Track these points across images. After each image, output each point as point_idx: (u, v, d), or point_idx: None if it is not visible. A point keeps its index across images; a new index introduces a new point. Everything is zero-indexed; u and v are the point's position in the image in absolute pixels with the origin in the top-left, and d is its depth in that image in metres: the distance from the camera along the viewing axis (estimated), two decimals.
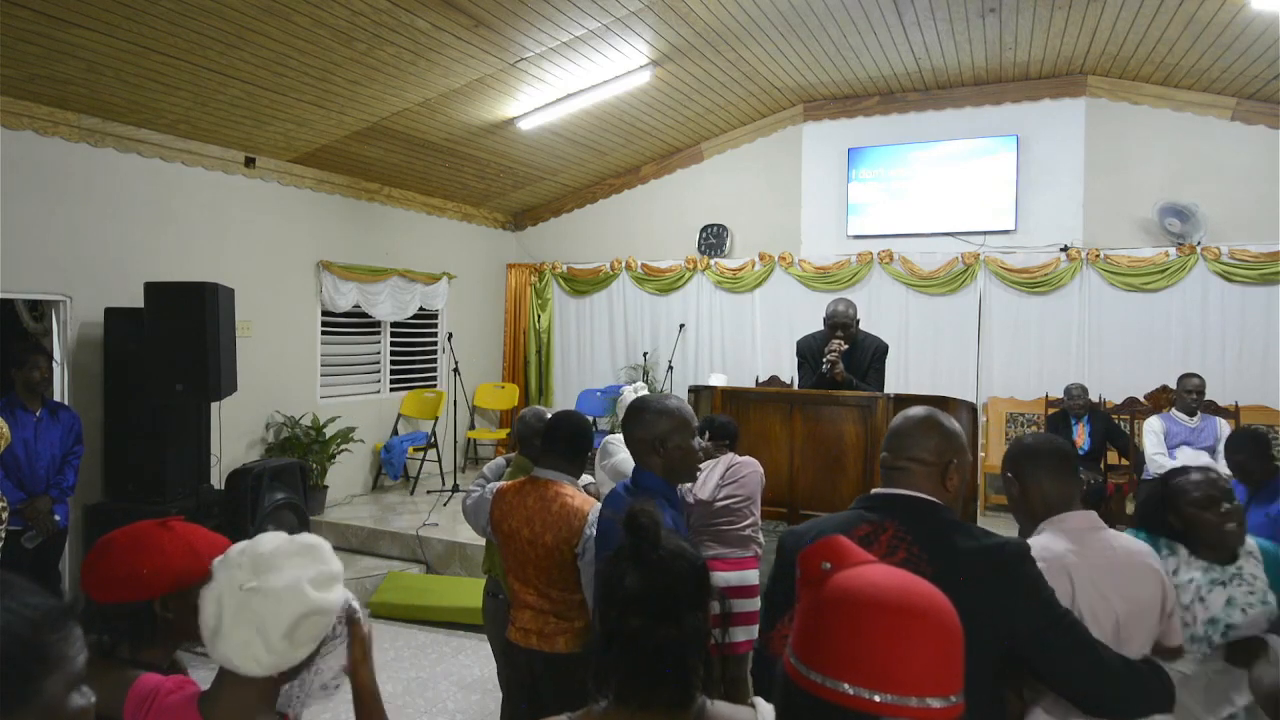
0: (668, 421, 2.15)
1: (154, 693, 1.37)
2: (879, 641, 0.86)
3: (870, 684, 0.85)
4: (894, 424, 1.74)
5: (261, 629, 1.24)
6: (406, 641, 5.00)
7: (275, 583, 1.26)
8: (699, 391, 4.61)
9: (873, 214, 7.66)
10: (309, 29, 4.66)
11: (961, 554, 1.53)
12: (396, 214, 7.75)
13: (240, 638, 1.25)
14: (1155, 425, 5.54)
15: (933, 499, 1.63)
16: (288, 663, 1.28)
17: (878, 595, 0.89)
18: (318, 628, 1.30)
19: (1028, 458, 1.90)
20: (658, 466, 2.15)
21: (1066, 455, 1.91)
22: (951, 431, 1.69)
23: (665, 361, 8.35)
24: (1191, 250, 6.67)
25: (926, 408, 1.75)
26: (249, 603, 1.25)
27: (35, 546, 4.25)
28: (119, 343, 5.10)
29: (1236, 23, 5.29)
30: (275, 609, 1.25)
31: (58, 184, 5.03)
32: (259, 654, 1.25)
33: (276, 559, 1.28)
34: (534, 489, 2.56)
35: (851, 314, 4.46)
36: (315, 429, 6.58)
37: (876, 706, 0.84)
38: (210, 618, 1.27)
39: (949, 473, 1.66)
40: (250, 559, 1.28)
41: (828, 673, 0.87)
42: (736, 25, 5.71)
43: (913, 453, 1.66)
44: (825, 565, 0.92)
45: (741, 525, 3.56)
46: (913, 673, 0.85)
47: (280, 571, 1.27)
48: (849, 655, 0.86)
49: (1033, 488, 1.88)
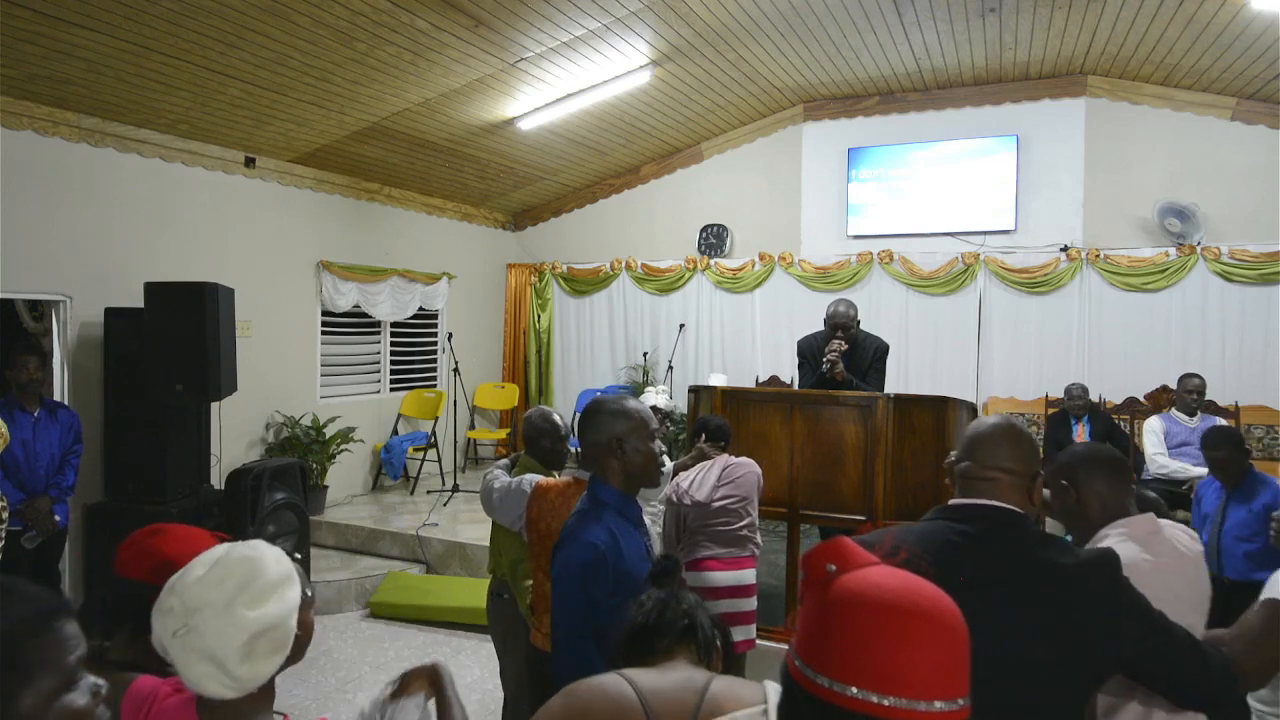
0: (625, 422, 2.02)
1: (152, 695, 1.37)
2: (885, 644, 0.86)
3: (876, 687, 0.84)
4: (974, 432, 1.68)
5: (215, 660, 1.22)
6: (406, 641, 5.00)
7: (208, 620, 1.22)
8: (699, 391, 4.61)
9: (873, 214, 7.66)
10: (309, 29, 4.67)
11: (1063, 569, 1.49)
12: (396, 214, 7.75)
13: (199, 672, 1.22)
14: (1155, 425, 5.54)
15: (1018, 510, 1.58)
16: (260, 678, 1.26)
17: (883, 597, 0.88)
18: (275, 640, 1.26)
19: (1084, 464, 1.90)
20: (616, 471, 2.02)
21: (1121, 462, 1.93)
22: (1033, 440, 1.65)
23: (665, 361, 8.35)
24: (1191, 250, 6.67)
25: (1002, 416, 1.74)
26: (190, 644, 1.22)
27: (35, 546, 4.25)
28: (119, 343, 5.10)
29: (1236, 23, 5.29)
30: (218, 641, 1.22)
31: (58, 184, 5.03)
32: (225, 681, 1.23)
33: (203, 593, 1.24)
34: (579, 491, 2.43)
35: (852, 314, 4.46)
36: (315, 429, 6.58)
37: (883, 710, 0.83)
38: (170, 660, 1.25)
39: (1037, 485, 1.61)
40: (179, 600, 1.24)
41: (833, 676, 0.86)
42: (736, 25, 5.71)
43: (1001, 462, 1.59)
44: (830, 567, 0.92)
45: (738, 525, 3.55)
46: (919, 676, 0.85)
47: (208, 606, 1.23)
48: (854, 658, 0.86)
49: (1090, 495, 1.87)
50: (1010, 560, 1.51)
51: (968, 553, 1.53)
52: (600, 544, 1.87)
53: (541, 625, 2.46)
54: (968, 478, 1.63)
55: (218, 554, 1.29)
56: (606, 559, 1.84)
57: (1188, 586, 1.76)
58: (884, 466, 3.98)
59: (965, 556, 1.53)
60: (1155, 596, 1.60)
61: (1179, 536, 1.87)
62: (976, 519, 1.57)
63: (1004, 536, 1.54)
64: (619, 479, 2.03)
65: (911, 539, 1.57)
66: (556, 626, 1.91)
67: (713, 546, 3.53)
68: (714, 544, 3.53)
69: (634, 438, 2.01)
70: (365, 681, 4.42)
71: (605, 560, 1.84)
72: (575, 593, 1.85)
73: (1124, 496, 1.88)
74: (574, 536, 1.92)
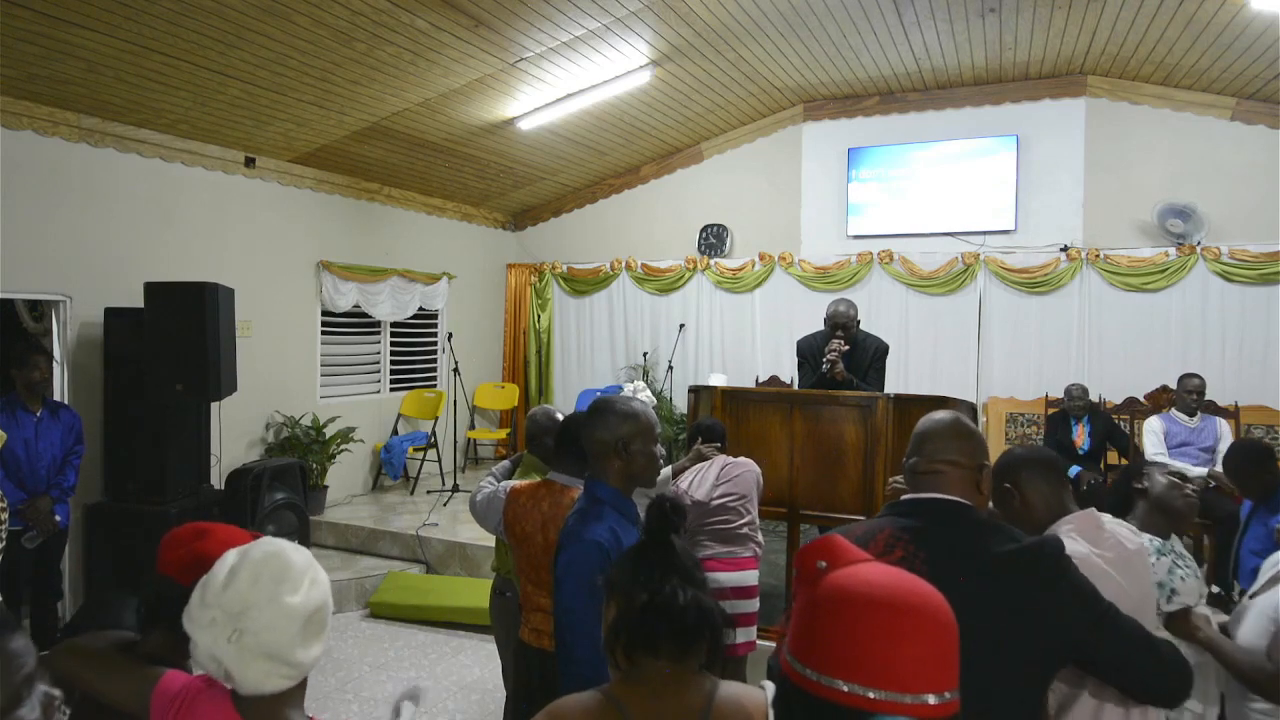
0: (633, 425, 2.03)
1: (184, 690, 1.38)
2: (874, 639, 0.86)
3: (866, 681, 0.85)
4: (921, 428, 1.70)
5: (273, 654, 1.24)
6: (406, 641, 5.00)
7: (258, 618, 1.24)
8: (699, 391, 4.61)
9: (873, 214, 7.66)
10: (309, 29, 4.67)
11: (1001, 556, 1.51)
12: (396, 214, 7.75)
13: (258, 671, 1.25)
14: (1155, 425, 5.54)
15: (966, 502, 1.61)
16: (313, 661, 1.30)
17: (873, 593, 0.89)
18: (321, 620, 1.32)
19: (1024, 466, 1.93)
20: (616, 470, 2.02)
21: (1055, 461, 1.98)
22: (980, 435, 1.68)
23: (665, 361, 8.35)
24: (1191, 250, 6.67)
25: (950, 411, 1.74)
26: (246, 645, 1.23)
27: (35, 546, 4.26)
28: (119, 343, 5.10)
29: (1236, 23, 5.29)
30: (273, 635, 1.24)
31: (58, 184, 5.03)
32: (285, 672, 1.26)
33: (244, 595, 1.25)
34: (548, 493, 2.51)
35: (852, 314, 4.46)
36: (315, 429, 6.58)
37: (872, 704, 0.84)
38: (217, 672, 1.26)
39: (983, 475, 1.63)
40: (219, 610, 1.25)
41: (824, 671, 0.87)
42: (736, 25, 5.71)
43: (947, 455, 1.63)
44: (821, 564, 0.93)
45: (739, 524, 3.55)
46: (908, 670, 0.86)
47: (253, 606, 1.25)
48: (845, 653, 0.87)
49: (1034, 495, 1.90)
50: (955, 551, 1.53)
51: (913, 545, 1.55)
52: (604, 541, 1.87)
53: (528, 621, 2.50)
54: (915, 472, 1.66)
55: (234, 559, 1.30)
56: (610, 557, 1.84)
57: (1134, 581, 1.78)
58: (884, 466, 3.98)
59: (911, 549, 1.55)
60: (1107, 590, 1.61)
61: (1121, 532, 1.89)
62: (921, 512, 1.60)
63: (948, 528, 1.56)
64: (618, 479, 2.03)
65: (862, 533, 1.58)
66: (562, 627, 1.91)
67: (713, 545, 3.52)
68: (714, 542, 3.53)
69: (639, 440, 2.03)
70: (365, 681, 4.43)
71: (609, 558, 1.84)
72: (581, 592, 1.85)
73: (1063, 495, 1.91)
74: (577, 536, 1.93)
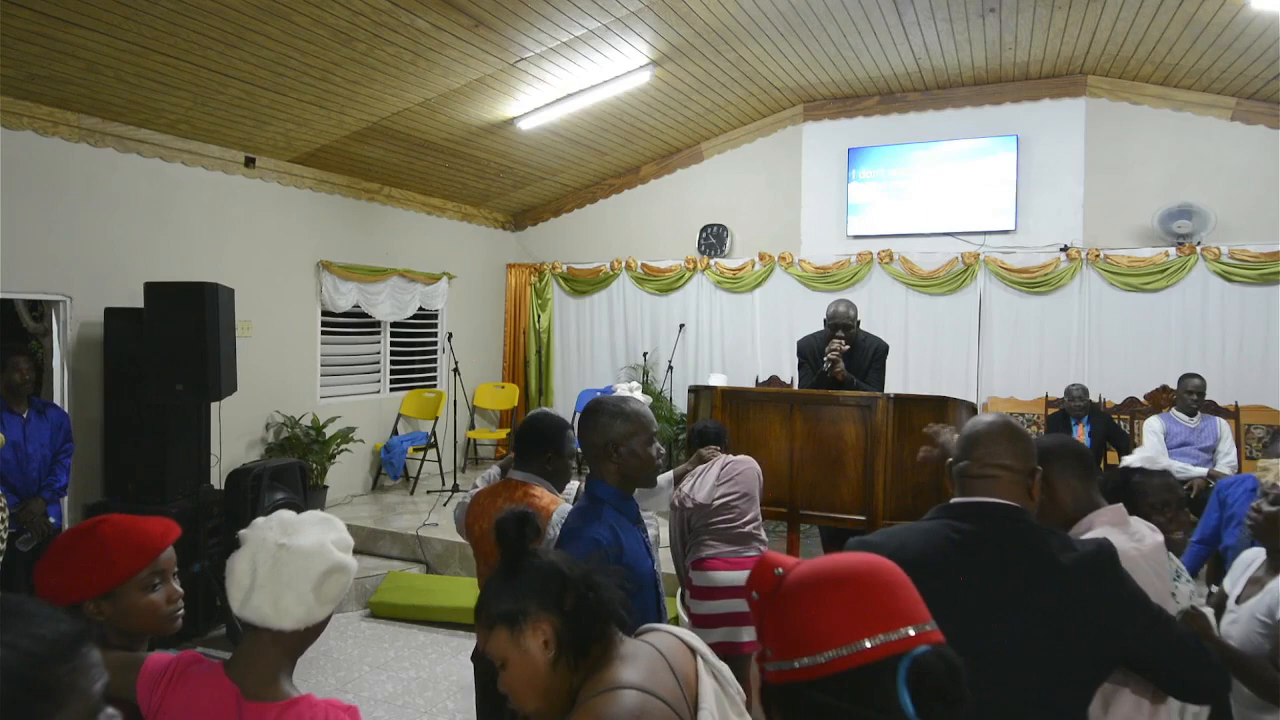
0: (623, 425, 2.01)
1: (170, 666, 1.43)
2: (850, 601, 0.92)
3: (859, 635, 0.89)
4: (971, 430, 1.67)
5: (292, 583, 1.37)
6: (406, 641, 5.00)
7: (303, 542, 1.40)
8: (699, 391, 4.61)
9: (873, 214, 7.66)
10: (309, 29, 4.66)
11: (1064, 564, 1.49)
12: (396, 214, 7.75)
13: (273, 592, 1.36)
14: (1155, 425, 5.54)
15: (1019, 506, 1.58)
16: (314, 618, 1.40)
17: (833, 568, 0.96)
18: (339, 585, 1.42)
19: (1054, 458, 1.84)
20: (612, 473, 2.02)
21: (1084, 452, 1.90)
22: (1029, 437, 1.65)
23: (665, 361, 8.35)
24: (1191, 250, 6.67)
25: (999, 414, 1.72)
26: (280, 559, 1.38)
27: (30, 549, 4.23)
28: (119, 343, 5.10)
29: (1236, 23, 5.29)
30: (305, 564, 1.38)
31: (58, 184, 5.03)
32: (291, 606, 1.37)
33: (301, 524, 1.45)
34: (505, 491, 2.56)
35: (852, 314, 4.46)
36: (315, 429, 6.58)
37: (872, 652, 0.88)
38: (243, 576, 1.38)
39: (1034, 480, 1.61)
40: (279, 523, 1.44)
41: (813, 651, 0.91)
42: (736, 25, 5.71)
43: (1000, 460, 1.59)
44: (779, 571, 0.97)
45: (742, 522, 3.53)
46: (896, 610, 0.91)
47: (306, 533, 1.42)
48: (828, 626, 0.91)
49: (1063, 488, 1.83)
50: (1012, 557, 1.51)
51: (969, 551, 1.53)
52: (602, 539, 1.87)
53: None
54: (967, 476, 1.62)
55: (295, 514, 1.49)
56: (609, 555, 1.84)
57: (1159, 574, 1.76)
58: (884, 466, 3.99)
59: (967, 555, 1.52)
60: (1141, 582, 1.61)
61: (1141, 526, 1.86)
62: (977, 517, 1.57)
63: (1005, 533, 1.54)
64: (615, 479, 2.03)
65: (913, 538, 1.57)
66: None
67: (717, 545, 3.51)
68: (718, 542, 3.51)
69: (631, 441, 2.01)
70: (365, 681, 4.43)
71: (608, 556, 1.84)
72: None
73: (1091, 488, 1.85)
74: (576, 534, 1.93)
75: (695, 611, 3.50)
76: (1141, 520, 1.93)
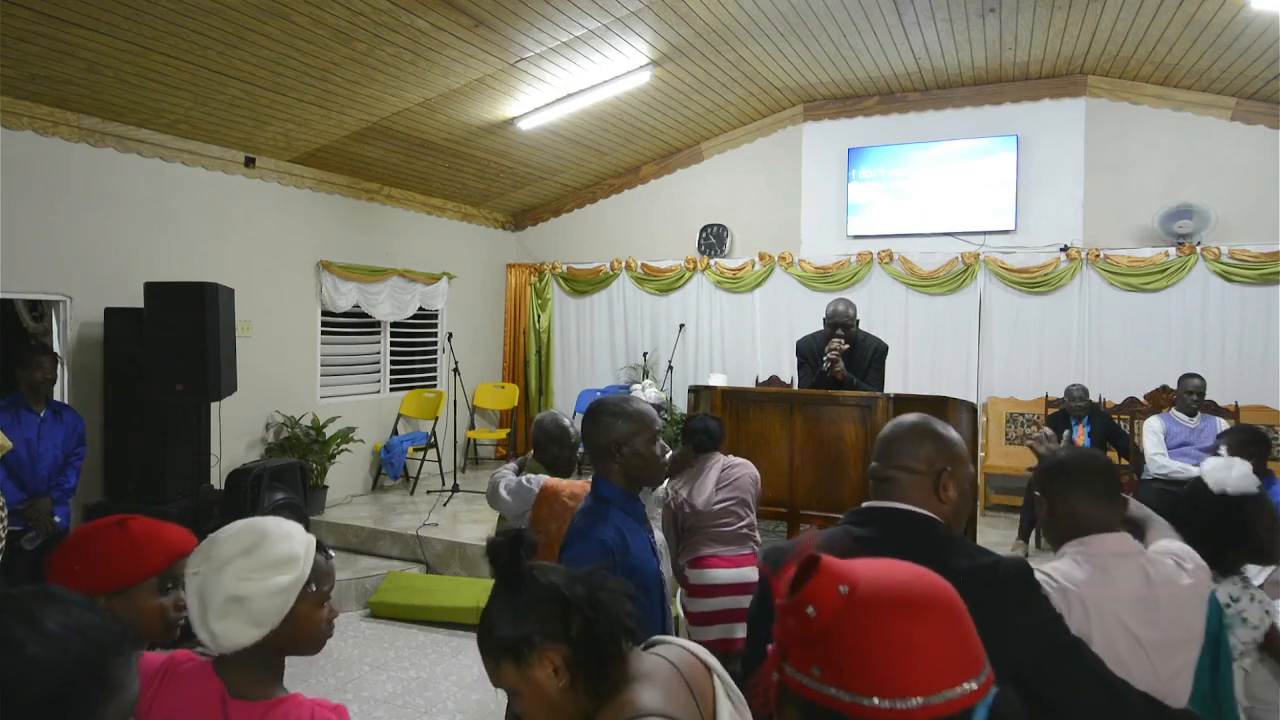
0: (625, 425, 1.99)
1: (165, 664, 1.42)
2: (938, 640, 0.81)
3: (953, 682, 0.79)
4: (884, 431, 1.62)
5: (220, 612, 1.33)
6: (406, 641, 5.00)
7: (218, 570, 1.35)
8: (699, 391, 4.60)
9: (873, 214, 7.66)
10: (309, 29, 4.66)
11: (955, 574, 1.44)
12: (396, 214, 7.75)
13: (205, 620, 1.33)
14: (1155, 425, 5.53)
15: (925, 513, 1.50)
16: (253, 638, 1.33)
17: (907, 592, 0.84)
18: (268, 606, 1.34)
19: (1061, 475, 1.77)
20: (616, 473, 2.01)
21: (1102, 470, 1.77)
22: (946, 439, 1.56)
23: (665, 361, 8.35)
24: (1191, 250, 6.67)
25: (920, 414, 1.63)
26: (202, 589, 1.34)
27: (35, 548, 4.25)
28: (119, 343, 5.10)
29: (1236, 23, 5.29)
30: (219, 591, 1.33)
31: (58, 184, 5.03)
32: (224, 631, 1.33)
33: (219, 548, 1.38)
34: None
35: (851, 314, 4.46)
36: (315, 429, 6.58)
37: (962, 701, 0.78)
38: (191, 605, 1.36)
39: (942, 483, 1.52)
40: (199, 552, 1.39)
41: (897, 694, 0.78)
42: (736, 25, 5.71)
43: (901, 460, 1.53)
44: (843, 589, 0.83)
45: (738, 526, 3.59)
46: (976, 647, 0.82)
47: (221, 559, 1.36)
48: (918, 668, 0.79)
49: (1060, 507, 1.75)
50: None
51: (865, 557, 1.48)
52: (609, 540, 1.87)
53: None
54: (875, 479, 1.57)
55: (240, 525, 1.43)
56: (615, 556, 1.84)
57: (1148, 624, 1.59)
58: None
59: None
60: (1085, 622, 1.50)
61: (1161, 568, 1.67)
62: (876, 521, 1.51)
63: (900, 539, 1.45)
64: (620, 479, 2.03)
65: (818, 544, 1.53)
66: None
67: (713, 545, 3.55)
68: (715, 543, 3.56)
69: (634, 440, 2.00)
70: (365, 681, 4.43)
71: (614, 557, 1.84)
72: None
73: (1101, 512, 1.71)
74: (582, 535, 1.93)
75: (692, 610, 3.52)
76: (1174, 559, 1.73)
